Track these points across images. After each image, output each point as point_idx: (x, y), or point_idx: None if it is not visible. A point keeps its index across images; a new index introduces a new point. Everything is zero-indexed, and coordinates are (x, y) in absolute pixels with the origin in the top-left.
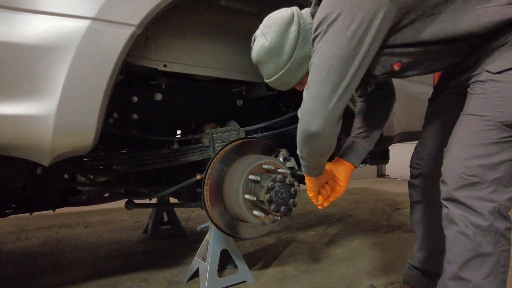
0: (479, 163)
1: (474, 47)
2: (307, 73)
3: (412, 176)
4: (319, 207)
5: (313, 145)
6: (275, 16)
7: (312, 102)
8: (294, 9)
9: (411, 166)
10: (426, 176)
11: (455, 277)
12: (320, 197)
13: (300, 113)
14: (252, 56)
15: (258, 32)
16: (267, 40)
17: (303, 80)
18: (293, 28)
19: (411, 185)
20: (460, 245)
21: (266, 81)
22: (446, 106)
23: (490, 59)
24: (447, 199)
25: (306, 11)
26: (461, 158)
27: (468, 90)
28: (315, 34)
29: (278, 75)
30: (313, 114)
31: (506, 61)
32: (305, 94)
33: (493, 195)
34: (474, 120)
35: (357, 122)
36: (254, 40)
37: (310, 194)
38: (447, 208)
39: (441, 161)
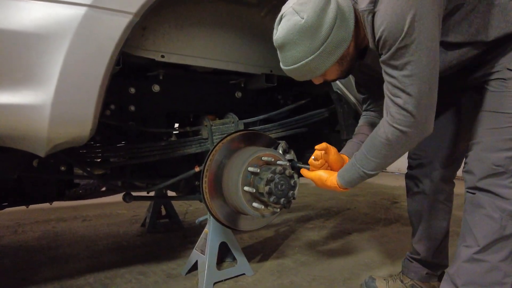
0: (506, 155)
1: (492, 44)
2: (335, 63)
3: (410, 167)
4: None
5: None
6: None
7: (428, 110)
8: None
9: (409, 157)
10: (425, 166)
11: (472, 259)
12: None
13: (410, 126)
14: (276, 37)
15: (287, 11)
16: (303, 18)
17: (327, 71)
18: (332, 7)
19: (409, 177)
20: (485, 227)
21: (287, 68)
22: (450, 100)
23: (508, 57)
24: (473, 188)
25: None
26: (490, 151)
27: (487, 87)
28: (405, 43)
29: (307, 60)
30: (430, 119)
31: None
32: (413, 108)
33: None
34: (499, 117)
35: (366, 129)
36: (281, 19)
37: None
38: (473, 194)
39: (442, 152)
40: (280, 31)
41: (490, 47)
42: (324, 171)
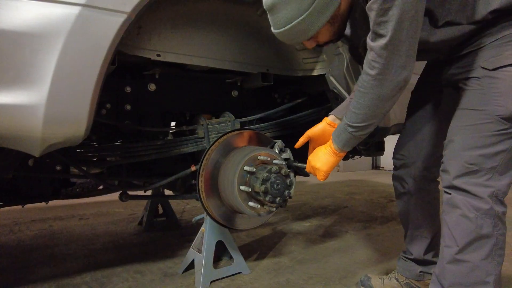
0: (479, 153)
1: (466, 37)
2: (326, 23)
3: (395, 168)
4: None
5: (397, 97)
6: None
7: (404, 57)
8: None
9: (394, 158)
10: (409, 167)
11: (454, 260)
12: None
13: (383, 72)
14: None
15: None
16: None
17: (319, 32)
18: None
19: (395, 178)
20: (462, 227)
21: (278, 30)
22: (430, 98)
23: (482, 54)
24: (449, 187)
25: None
26: (463, 149)
27: (462, 85)
28: None
29: (296, 21)
30: (405, 66)
31: (501, 58)
32: (388, 53)
33: (490, 181)
34: (474, 114)
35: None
36: None
37: (329, 169)
38: (449, 194)
39: (425, 152)
40: None
41: (463, 39)
42: (314, 152)
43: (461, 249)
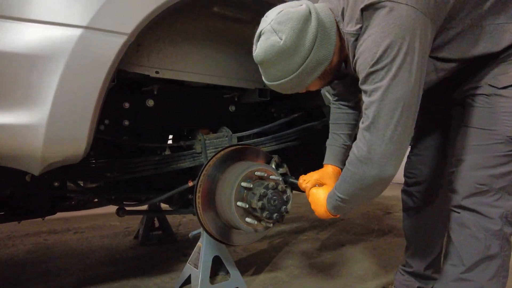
0: (489, 173)
1: (477, 60)
2: (317, 78)
3: (406, 184)
4: None
5: (380, 189)
6: (289, 10)
7: (387, 145)
8: (309, 4)
9: (405, 176)
10: (421, 184)
11: (459, 279)
12: None
13: (365, 157)
14: (256, 54)
15: (266, 28)
16: (281, 39)
17: (309, 85)
18: (312, 27)
19: (405, 193)
20: (470, 247)
21: (269, 83)
22: (438, 116)
23: (490, 72)
24: (457, 207)
25: (322, 6)
26: (473, 169)
27: (470, 101)
28: (375, 68)
29: (287, 79)
30: (389, 157)
31: (509, 76)
32: (371, 136)
33: (499, 202)
34: (483, 134)
35: (343, 128)
36: (259, 36)
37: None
38: (458, 213)
39: (436, 169)
40: (259, 49)
41: (473, 63)
42: (318, 191)
43: (468, 268)
